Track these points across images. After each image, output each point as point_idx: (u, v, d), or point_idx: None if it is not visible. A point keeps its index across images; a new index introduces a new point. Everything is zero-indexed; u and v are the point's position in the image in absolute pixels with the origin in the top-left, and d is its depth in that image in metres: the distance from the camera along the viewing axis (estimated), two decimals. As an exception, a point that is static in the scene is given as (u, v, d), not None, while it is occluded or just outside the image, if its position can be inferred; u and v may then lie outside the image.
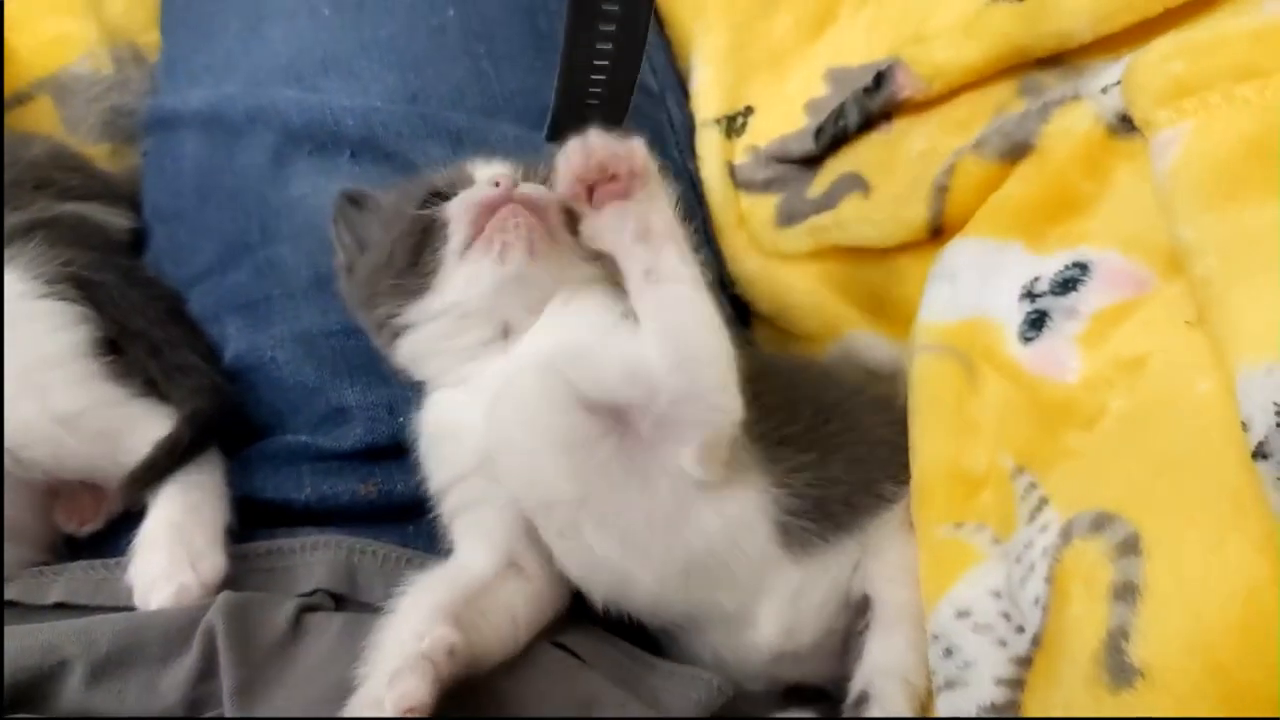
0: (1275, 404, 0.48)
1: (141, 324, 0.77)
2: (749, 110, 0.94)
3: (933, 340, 0.68)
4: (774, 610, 0.63)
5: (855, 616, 0.64)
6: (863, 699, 0.61)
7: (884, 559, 0.64)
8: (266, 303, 0.78)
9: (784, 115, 0.91)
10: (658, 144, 0.88)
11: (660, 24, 1.01)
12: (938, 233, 0.77)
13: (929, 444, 0.64)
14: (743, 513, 0.61)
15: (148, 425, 0.73)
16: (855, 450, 0.66)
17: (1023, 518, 0.58)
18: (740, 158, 0.93)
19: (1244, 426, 0.50)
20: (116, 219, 0.88)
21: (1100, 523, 0.53)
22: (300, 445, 0.75)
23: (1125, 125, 0.66)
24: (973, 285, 0.68)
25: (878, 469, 0.66)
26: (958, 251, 0.71)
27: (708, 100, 0.95)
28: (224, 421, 0.76)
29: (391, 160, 0.78)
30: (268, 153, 0.80)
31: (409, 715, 0.50)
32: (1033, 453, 0.60)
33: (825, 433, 0.66)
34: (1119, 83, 0.66)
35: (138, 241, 0.88)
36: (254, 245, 0.79)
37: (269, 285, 0.78)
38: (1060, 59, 0.76)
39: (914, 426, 0.66)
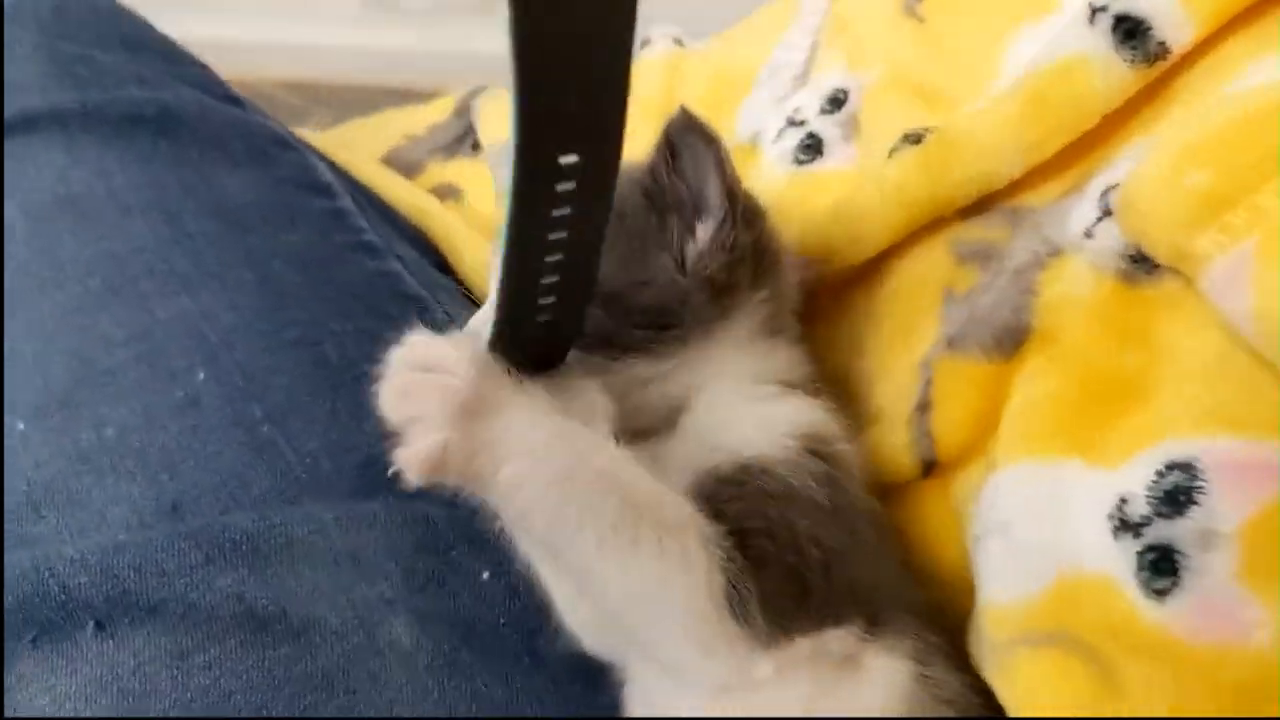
0: None
1: None
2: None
3: (1020, 629, 0.46)
4: None
5: None
6: None
7: None
8: None
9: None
10: None
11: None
12: (930, 469, 0.57)
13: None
14: None
15: None
16: None
17: None
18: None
19: None
20: None
21: None
22: None
23: (1141, 266, 0.49)
24: (1038, 534, 0.48)
25: None
26: (996, 493, 0.50)
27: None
28: None
29: (163, 612, 0.52)
30: (-30, 661, 0.52)
31: None
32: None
33: None
34: (1102, 218, 0.51)
35: None
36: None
37: None
38: (985, 204, 0.60)
39: None
